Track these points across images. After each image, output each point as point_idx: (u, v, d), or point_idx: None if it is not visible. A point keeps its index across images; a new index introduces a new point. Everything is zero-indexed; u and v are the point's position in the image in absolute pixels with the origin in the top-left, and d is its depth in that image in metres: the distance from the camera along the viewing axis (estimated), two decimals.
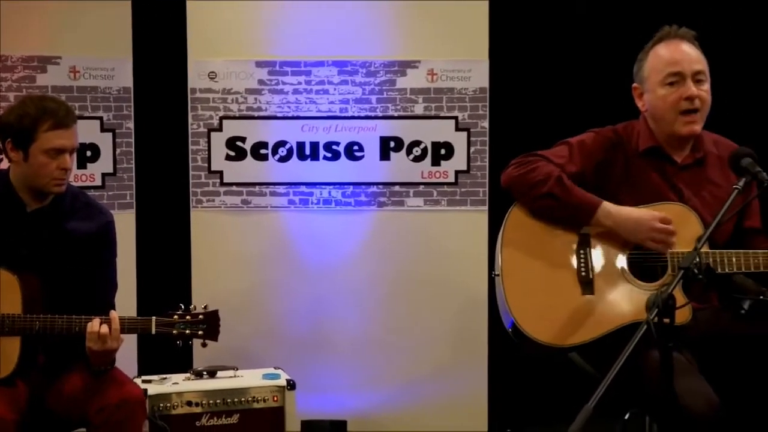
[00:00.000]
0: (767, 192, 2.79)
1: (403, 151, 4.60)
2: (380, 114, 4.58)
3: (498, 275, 3.05)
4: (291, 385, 3.88)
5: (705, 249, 2.83)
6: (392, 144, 4.60)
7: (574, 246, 3.05)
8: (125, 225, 4.35)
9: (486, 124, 4.59)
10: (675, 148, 3.15)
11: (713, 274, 2.75)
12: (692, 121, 3.07)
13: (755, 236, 3.17)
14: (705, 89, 3.09)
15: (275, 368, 4.07)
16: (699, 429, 2.69)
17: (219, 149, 4.56)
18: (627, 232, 3.02)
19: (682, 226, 3.01)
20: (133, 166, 4.53)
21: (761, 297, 2.77)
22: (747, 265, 2.94)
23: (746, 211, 3.16)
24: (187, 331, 3.14)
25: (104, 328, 3.03)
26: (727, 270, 2.94)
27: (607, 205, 3.03)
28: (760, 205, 3.25)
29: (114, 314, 3.08)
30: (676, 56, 3.07)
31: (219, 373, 3.94)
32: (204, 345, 3.19)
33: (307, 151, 4.59)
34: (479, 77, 4.56)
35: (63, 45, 4.35)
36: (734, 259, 2.94)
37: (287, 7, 4.55)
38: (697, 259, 2.61)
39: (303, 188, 4.61)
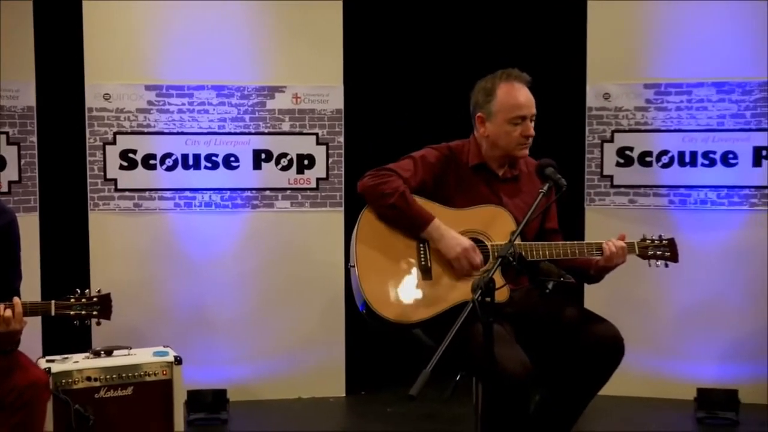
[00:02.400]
0: (564, 196, 2.95)
1: (273, 161, 4.60)
2: (253, 130, 4.57)
3: (353, 266, 3.04)
4: (178, 360, 3.83)
5: (518, 242, 2.92)
6: (263, 156, 4.59)
7: (416, 240, 3.08)
8: (30, 226, 4.20)
9: (342, 139, 4.63)
10: (498, 165, 3.24)
11: (524, 261, 2.83)
12: (526, 147, 3.19)
13: (553, 234, 3.28)
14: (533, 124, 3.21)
15: (164, 347, 3.99)
16: (514, 387, 2.77)
17: (113, 160, 4.47)
18: (444, 249, 3.03)
19: (499, 223, 3.09)
20: (37, 174, 4.37)
21: (561, 279, 2.89)
22: (551, 254, 3.04)
23: (547, 214, 3.27)
24: (83, 312, 3.03)
25: (8, 312, 2.91)
26: (535, 258, 3.02)
27: (437, 223, 3.05)
28: (562, 215, 3.37)
29: (16, 299, 2.96)
30: (521, 101, 3.13)
31: (115, 352, 3.85)
32: (98, 323, 3.09)
33: (191, 162, 4.54)
34: (335, 100, 4.60)
35: None
36: (540, 250, 3.04)
37: (173, 38, 4.48)
38: (512, 250, 2.73)
39: (187, 193, 4.55)
